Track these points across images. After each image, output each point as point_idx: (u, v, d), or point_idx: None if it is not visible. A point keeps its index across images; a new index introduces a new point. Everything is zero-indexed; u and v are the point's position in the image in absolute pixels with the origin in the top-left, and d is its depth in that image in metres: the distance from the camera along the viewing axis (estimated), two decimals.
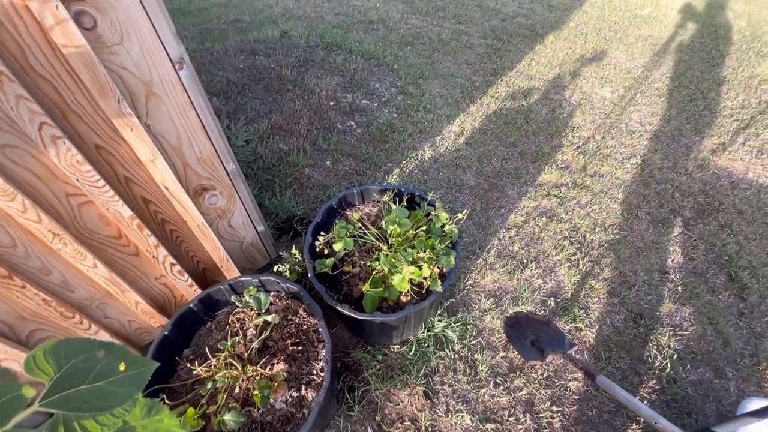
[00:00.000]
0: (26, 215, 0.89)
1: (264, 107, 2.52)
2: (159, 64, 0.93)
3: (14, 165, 0.85)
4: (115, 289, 1.16)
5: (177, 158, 1.10)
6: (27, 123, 0.79)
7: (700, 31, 3.63)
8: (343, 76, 2.87)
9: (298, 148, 2.26)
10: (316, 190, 2.08)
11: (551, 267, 1.80)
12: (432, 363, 1.48)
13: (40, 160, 0.87)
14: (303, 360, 1.20)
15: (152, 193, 1.11)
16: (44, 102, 0.83)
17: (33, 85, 0.80)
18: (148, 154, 1.00)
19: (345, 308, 1.21)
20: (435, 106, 2.71)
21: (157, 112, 0.99)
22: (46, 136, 0.82)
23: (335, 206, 1.51)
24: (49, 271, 1.03)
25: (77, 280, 1.10)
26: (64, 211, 0.98)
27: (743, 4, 4.05)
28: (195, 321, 1.29)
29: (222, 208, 1.32)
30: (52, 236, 0.95)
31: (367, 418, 1.36)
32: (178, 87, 0.99)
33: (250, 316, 1.29)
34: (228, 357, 1.16)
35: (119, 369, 0.53)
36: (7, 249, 0.93)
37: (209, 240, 1.29)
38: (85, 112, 0.88)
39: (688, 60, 3.24)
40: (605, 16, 3.92)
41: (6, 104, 0.75)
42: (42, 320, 1.08)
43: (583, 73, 3.08)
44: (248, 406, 1.12)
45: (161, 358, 1.14)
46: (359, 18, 3.80)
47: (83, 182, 0.93)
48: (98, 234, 1.07)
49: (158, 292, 1.34)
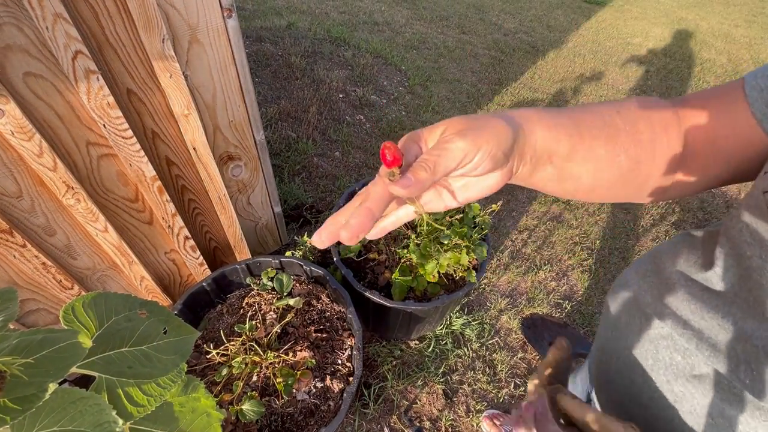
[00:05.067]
0: (41, 160, 0.77)
1: (272, 93, 2.43)
2: (208, 6, 0.84)
3: (36, 99, 0.74)
4: (123, 260, 1.04)
5: (209, 118, 1.01)
6: (61, 49, 0.69)
7: (687, 63, 3.84)
8: (352, 71, 2.83)
9: (307, 137, 2.18)
10: (325, 180, 2.00)
11: (564, 271, 1.79)
12: (450, 361, 1.42)
13: (66, 97, 0.76)
14: (327, 348, 1.11)
15: (178, 153, 1.01)
16: (81, 29, 0.72)
17: (72, 7, 0.70)
18: (183, 108, 0.90)
19: (375, 295, 1.14)
20: (443, 108, 2.70)
21: (198, 62, 0.90)
22: (79, 68, 0.72)
23: (358, 191, 1.44)
24: (53, 231, 0.90)
25: (82, 246, 0.97)
26: (82, 162, 0.86)
27: (723, 43, 4.33)
28: (205, 303, 1.18)
29: (244, 181, 1.23)
30: (65, 189, 0.83)
31: (384, 417, 1.27)
32: (223, 38, 0.90)
33: (267, 300, 1.18)
34: (246, 342, 1.05)
35: (161, 333, 0.44)
36: (11, 199, 0.81)
37: (227, 214, 1.19)
38: (123, 49, 0.78)
39: (678, 87, 3.41)
40: (600, 41, 4.09)
41: (42, 22, 0.65)
42: (37, 289, 0.95)
43: (584, 90, 3.18)
44: (267, 396, 1.02)
45: None
46: (364, 18, 3.78)
47: (110, 130, 0.82)
48: (113, 194, 0.96)
49: (165, 269, 1.21)
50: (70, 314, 0.36)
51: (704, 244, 0.44)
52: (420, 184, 0.28)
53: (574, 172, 0.37)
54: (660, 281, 0.48)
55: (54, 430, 0.28)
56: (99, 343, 0.37)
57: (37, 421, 0.28)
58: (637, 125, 0.38)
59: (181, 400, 0.58)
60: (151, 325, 0.44)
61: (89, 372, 0.35)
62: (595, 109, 0.38)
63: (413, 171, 0.29)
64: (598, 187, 0.39)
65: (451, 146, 0.29)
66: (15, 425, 0.27)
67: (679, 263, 0.46)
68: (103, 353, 0.39)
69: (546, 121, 0.35)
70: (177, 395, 0.59)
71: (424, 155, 0.30)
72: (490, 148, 0.30)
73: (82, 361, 0.34)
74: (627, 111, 0.38)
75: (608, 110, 0.38)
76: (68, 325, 0.36)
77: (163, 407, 0.52)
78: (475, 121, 0.31)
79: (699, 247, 0.45)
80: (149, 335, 0.43)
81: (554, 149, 0.35)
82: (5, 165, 0.77)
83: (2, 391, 0.25)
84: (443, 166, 0.29)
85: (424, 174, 0.28)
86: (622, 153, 0.37)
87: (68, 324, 0.36)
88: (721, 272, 0.39)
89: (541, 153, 0.34)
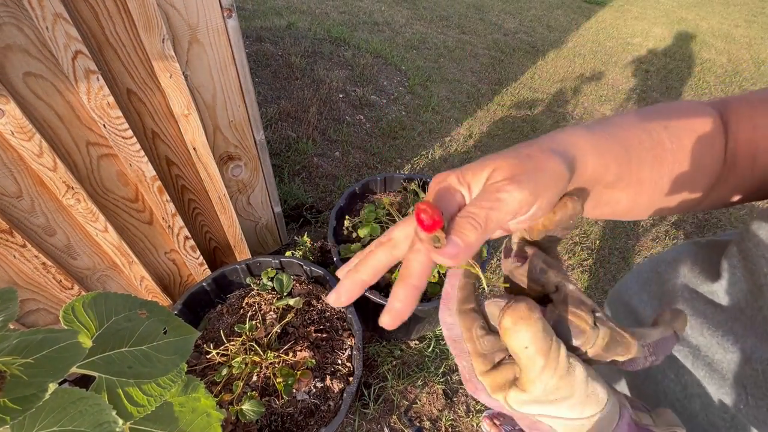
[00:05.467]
0: (41, 160, 0.77)
1: (272, 93, 2.43)
2: (208, 7, 0.84)
3: (36, 99, 0.74)
4: (123, 260, 1.04)
5: (209, 118, 1.01)
6: (61, 49, 0.69)
7: (687, 63, 3.84)
8: (352, 71, 2.83)
9: (307, 137, 2.18)
10: (325, 180, 2.00)
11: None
12: (450, 361, 1.41)
13: (66, 97, 0.76)
14: (327, 348, 1.11)
15: (178, 154, 1.01)
16: (81, 29, 0.72)
17: (72, 7, 0.70)
18: (183, 108, 0.90)
19: (375, 295, 1.14)
20: (443, 108, 2.70)
21: (198, 62, 0.90)
22: (79, 68, 0.72)
23: (358, 191, 1.44)
24: (53, 231, 0.90)
25: (82, 246, 0.97)
26: (82, 162, 0.86)
27: (724, 43, 4.33)
28: (205, 303, 1.18)
29: (244, 181, 1.23)
30: (65, 189, 0.83)
31: (384, 417, 1.27)
32: (223, 38, 0.90)
33: (267, 300, 1.18)
34: (246, 342, 1.05)
35: (161, 333, 0.44)
36: (11, 199, 0.81)
37: (228, 214, 1.19)
38: (123, 49, 0.78)
39: (678, 87, 3.40)
40: (600, 41, 4.08)
41: (42, 22, 0.65)
42: (37, 289, 0.95)
43: (584, 90, 3.17)
44: (267, 396, 1.02)
45: None
46: (364, 18, 3.78)
47: (110, 130, 0.82)
48: (113, 194, 0.96)
49: (165, 269, 1.21)
50: (70, 314, 0.36)
51: (710, 255, 0.43)
52: (470, 249, 0.23)
53: (613, 198, 0.35)
54: (661, 291, 0.46)
55: (54, 430, 0.28)
56: (99, 343, 0.37)
57: (37, 421, 0.28)
58: (682, 141, 0.35)
59: (181, 400, 0.58)
60: (151, 325, 0.44)
61: (89, 372, 0.35)
62: (644, 125, 0.35)
63: (460, 232, 0.23)
64: (634, 209, 0.37)
65: (505, 196, 0.24)
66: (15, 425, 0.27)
67: (683, 273, 0.44)
68: (103, 353, 0.39)
69: (598, 147, 0.31)
70: (177, 395, 0.59)
71: (472, 208, 0.24)
72: (550, 196, 0.26)
73: (82, 361, 0.34)
74: (674, 124, 0.35)
75: (656, 125, 0.35)
76: (68, 325, 0.36)
77: (163, 407, 0.52)
78: (528, 161, 0.26)
79: (704, 258, 0.43)
80: (149, 335, 0.43)
81: (601, 178, 0.32)
82: (5, 165, 0.77)
83: (2, 391, 0.25)
84: (495, 222, 0.24)
85: (473, 235, 0.23)
86: (666, 175, 0.35)
87: (68, 324, 0.36)
88: (728, 285, 0.37)
89: (587, 182, 0.31)
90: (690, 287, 0.42)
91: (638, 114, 0.36)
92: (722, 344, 0.36)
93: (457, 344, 0.27)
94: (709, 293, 0.39)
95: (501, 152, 0.27)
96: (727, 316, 0.37)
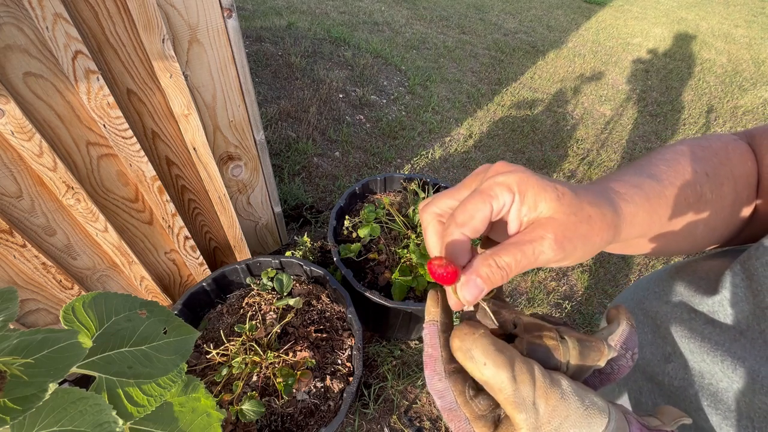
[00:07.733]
0: (41, 160, 0.77)
1: (272, 93, 2.43)
2: (208, 7, 0.84)
3: (36, 99, 0.74)
4: (123, 260, 1.04)
5: (209, 118, 1.01)
6: (61, 49, 0.69)
7: (687, 63, 3.84)
8: (352, 71, 2.83)
9: (307, 137, 2.18)
10: (325, 180, 2.00)
11: (564, 271, 1.79)
12: None
13: (66, 97, 0.76)
14: (327, 348, 1.11)
15: (178, 154, 1.01)
16: (81, 29, 0.72)
17: (72, 7, 0.70)
18: (183, 108, 0.90)
19: (375, 295, 1.14)
20: (443, 108, 2.70)
21: (198, 62, 0.90)
22: (79, 69, 0.72)
23: (358, 191, 1.44)
24: (53, 231, 0.90)
25: (82, 246, 0.97)
26: (82, 162, 0.86)
27: (723, 43, 4.33)
28: (205, 303, 1.18)
29: (244, 181, 1.23)
30: (65, 189, 0.83)
31: (384, 417, 1.27)
32: (223, 38, 0.90)
33: (267, 300, 1.18)
34: (246, 342, 1.05)
35: (161, 333, 0.44)
36: (11, 199, 0.81)
37: (227, 215, 1.19)
38: (123, 49, 0.78)
39: (678, 87, 3.40)
40: (600, 41, 4.08)
41: (41, 22, 0.65)
42: (37, 289, 0.95)
43: (584, 90, 3.17)
44: (267, 396, 1.02)
45: None
46: (364, 18, 3.78)
47: (110, 130, 0.82)
48: (113, 194, 0.96)
49: (165, 269, 1.21)
50: (70, 314, 0.36)
51: (709, 272, 0.42)
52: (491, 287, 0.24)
53: (642, 245, 0.34)
54: (660, 311, 0.44)
55: (54, 430, 0.28)
56: (99, 343, 0.37)
57: (37, 421, 0.28)
58: (722, 189, 0.35)
59: (181, 400, 0.58)
60: (151, 325, 0.44)
61: (89, 372, 0.35)
62: (690, 178, 0.34)
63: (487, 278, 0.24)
64: (663, 251, 0.36)
65: (542, 258, 0.24)
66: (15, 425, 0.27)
67: (681, 291, 0.43)
68: (103, 353, 0.39)
69: (648, 205, 0.30)
70: (177, 395, 0.59)
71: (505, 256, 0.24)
72: (581, 257, 0.25)
73: (82, 361, 0.34)
74: (715, 171, 0.35)
75: (700, 176, 0.34)
76: (68, 325, 0.36)
77: (163, 407, 0.52)
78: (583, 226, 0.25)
79: (703, 275, 0.42)
80: (149, 335, 0.43)
81: (643, 234, 0.31)
82: (5, 165, 0.77)
83: (2, 391, 0.25)
84: (519, 270, 0.24)
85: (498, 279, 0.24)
86: (701, 225, 0.35)
87: (68, 324, 0.36)
88: (729, 304, 0.36)
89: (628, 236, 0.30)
90: (690, 306, 0.41)
91: (686, 159, 0.35)
92: (725, 372, 0.35)
93: (453, 413, 0.26)
94: (710, 312, 0.38)
95: (571, 187, 0.26)
96: (727, 337, 0.36)
